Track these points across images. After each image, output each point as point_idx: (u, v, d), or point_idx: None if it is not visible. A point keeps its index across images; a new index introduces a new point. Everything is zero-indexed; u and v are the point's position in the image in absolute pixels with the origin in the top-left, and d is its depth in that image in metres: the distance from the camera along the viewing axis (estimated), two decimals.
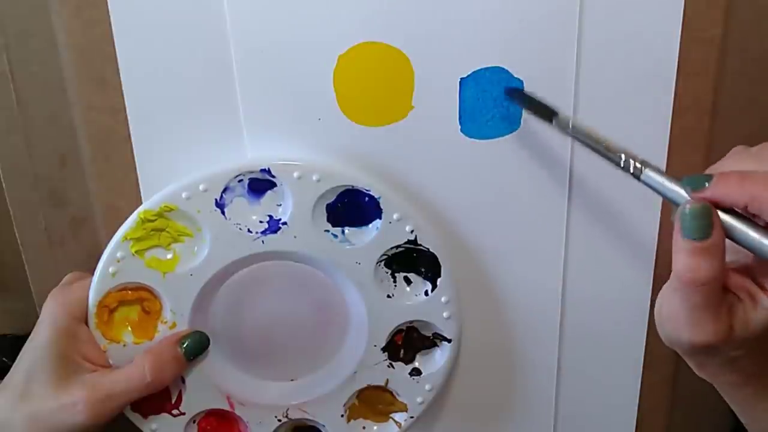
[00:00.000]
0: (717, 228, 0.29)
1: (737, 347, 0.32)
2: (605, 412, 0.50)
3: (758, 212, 0.28)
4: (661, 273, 0.45)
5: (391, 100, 0.41)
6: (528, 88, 0.41)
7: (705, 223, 0.29)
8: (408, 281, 0.44)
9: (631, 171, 0.32)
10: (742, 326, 0.31)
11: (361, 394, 0.46)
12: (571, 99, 0.41)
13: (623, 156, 0.33)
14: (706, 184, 0.29)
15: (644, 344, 0.48)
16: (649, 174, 0.32)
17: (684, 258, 0.29)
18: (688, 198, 0.30)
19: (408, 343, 0.45)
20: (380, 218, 0.41)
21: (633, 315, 0.47)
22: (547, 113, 0.38)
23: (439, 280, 0.43)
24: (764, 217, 0.28)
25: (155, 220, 0.40)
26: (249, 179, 0.40)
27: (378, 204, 0.41)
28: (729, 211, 0.29)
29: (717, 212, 0.29)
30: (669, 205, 0.43)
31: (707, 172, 0.32)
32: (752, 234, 0.29)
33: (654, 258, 0.45)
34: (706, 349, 0.32)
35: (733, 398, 0.35)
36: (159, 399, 0.43)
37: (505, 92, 0.41)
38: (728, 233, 0.29)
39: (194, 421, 0.45)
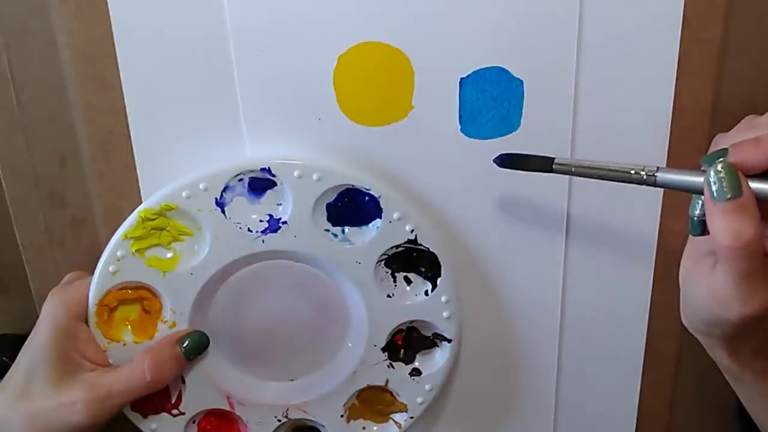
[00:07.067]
0: (746, 186, 0.29)
1: None
2: (605, 412, 0.50)
3: None
4: (661, 272, 0.45)
5: (391, 100, 0.41)
6: (528, 88, 0.41)
7: (734, 180, 0.29)
8: (408, 281, 0.44)
9: (645, 179, 0.33)
10: None
11: (361, 394, 0.46)
12: (571, 99, 0.41)
13: (632, 171, 0.33)
14: (725, 156, 0.30)
15: (644, 344, 0.48)
16: (664, 176, 0.32)
17: (721, 222, 0.29)
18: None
19: (408, 343, 0.45)
20: (380, 218, 0.41)
21: (633, 315, 0.47)
22: (545, 163, 0.38)
23: (439, 279, 0.43)
24: None
25: (155, 218, 0.40)
26: (249, 178, 0.40)
27: (378, 203, 0.41)
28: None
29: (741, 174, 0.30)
30: (669, 205, 0.43)
31: (716, 138, 0.32)
32: None
33: (654, 257, 0.45)
34: (753, 324, 0.31)
35: (761, 389, 0.34)
36: (159, 399, 0.43)
37: (500, 162, 0.40)
38: (757, 196, 0.30)
39: (194, 421, 0.45)
